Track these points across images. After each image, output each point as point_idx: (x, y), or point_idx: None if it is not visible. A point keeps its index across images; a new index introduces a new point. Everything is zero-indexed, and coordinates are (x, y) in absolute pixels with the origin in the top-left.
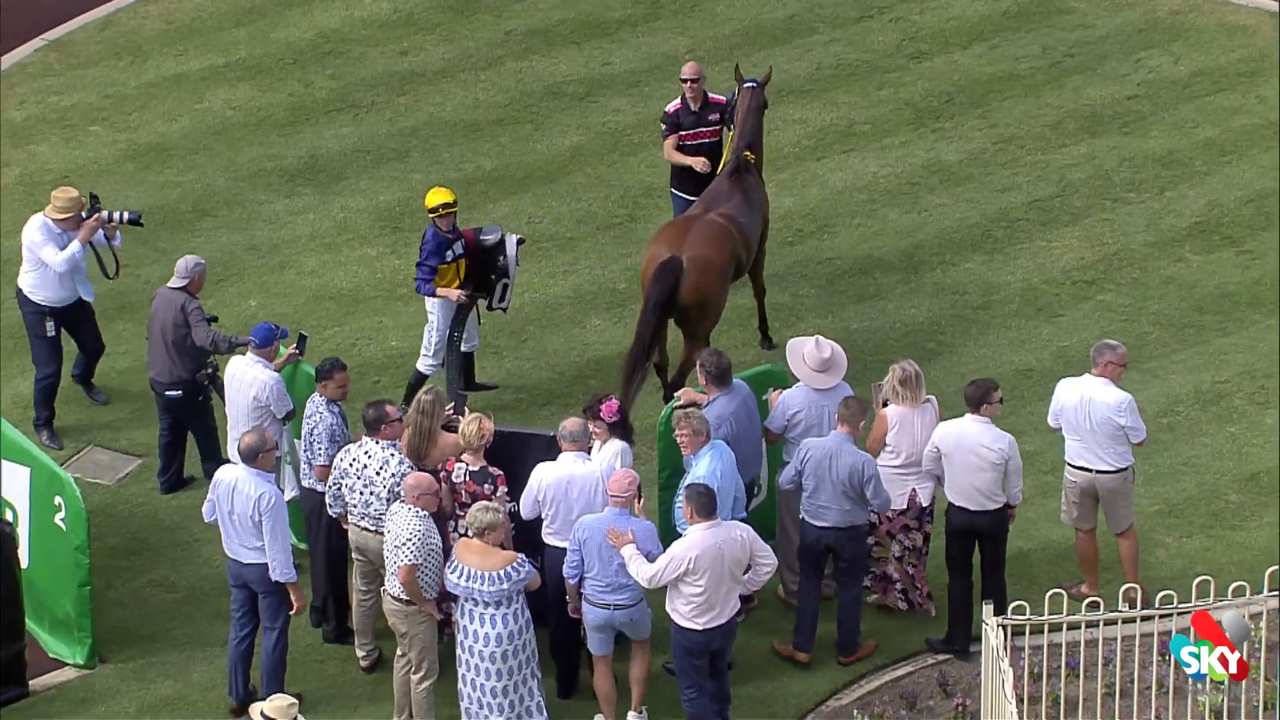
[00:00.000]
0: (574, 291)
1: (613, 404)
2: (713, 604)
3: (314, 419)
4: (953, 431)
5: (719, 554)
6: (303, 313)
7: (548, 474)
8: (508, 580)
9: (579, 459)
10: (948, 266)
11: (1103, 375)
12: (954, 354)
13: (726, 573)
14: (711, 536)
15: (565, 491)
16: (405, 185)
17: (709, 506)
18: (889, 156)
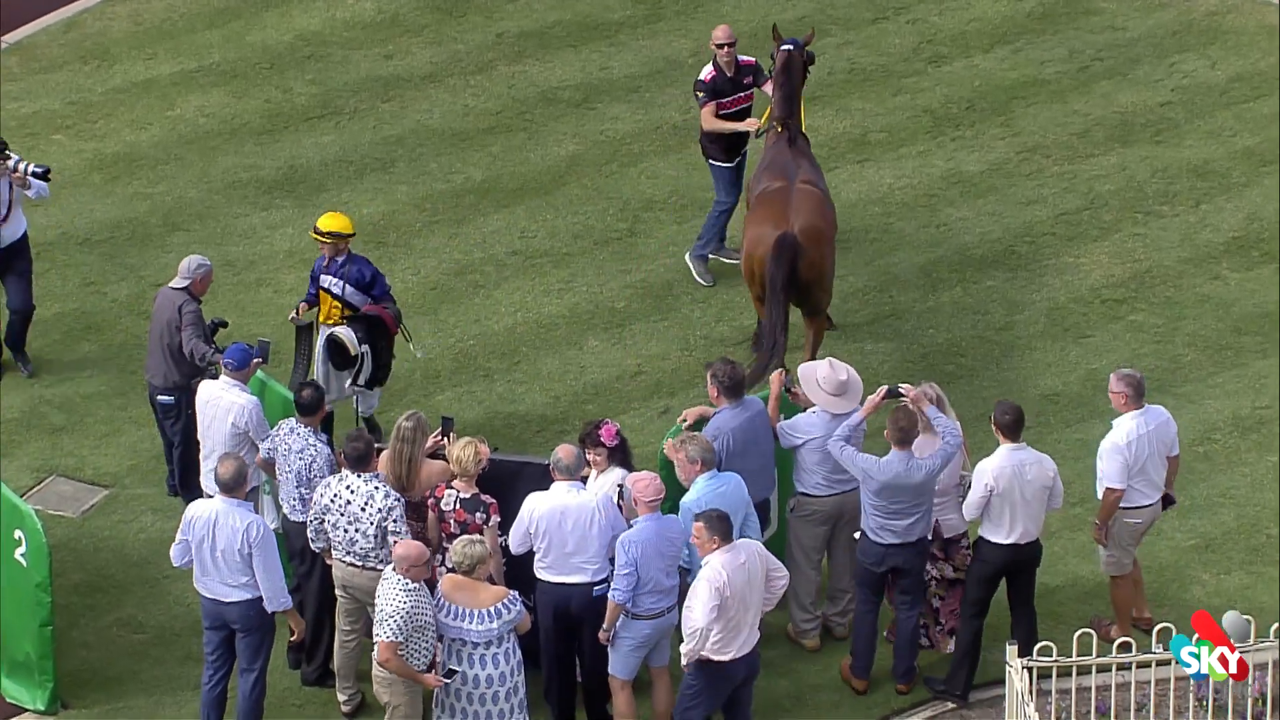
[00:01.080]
0: (570, 310)
1: (611, 427)
2: (740, 628)
3: (309, 454)
4: (1004, 468)
5: (747, 575)
6: (281, 333)
7: (540, 504)
8: (498, 618)
9: (573, 489)
10: (968, 284)
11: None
12: (975, 377)
13: (754, 593)
14: (735, 558)
15: (559, 523)
16: (390, 198)
17: (727, 529)
18: (905, 167)
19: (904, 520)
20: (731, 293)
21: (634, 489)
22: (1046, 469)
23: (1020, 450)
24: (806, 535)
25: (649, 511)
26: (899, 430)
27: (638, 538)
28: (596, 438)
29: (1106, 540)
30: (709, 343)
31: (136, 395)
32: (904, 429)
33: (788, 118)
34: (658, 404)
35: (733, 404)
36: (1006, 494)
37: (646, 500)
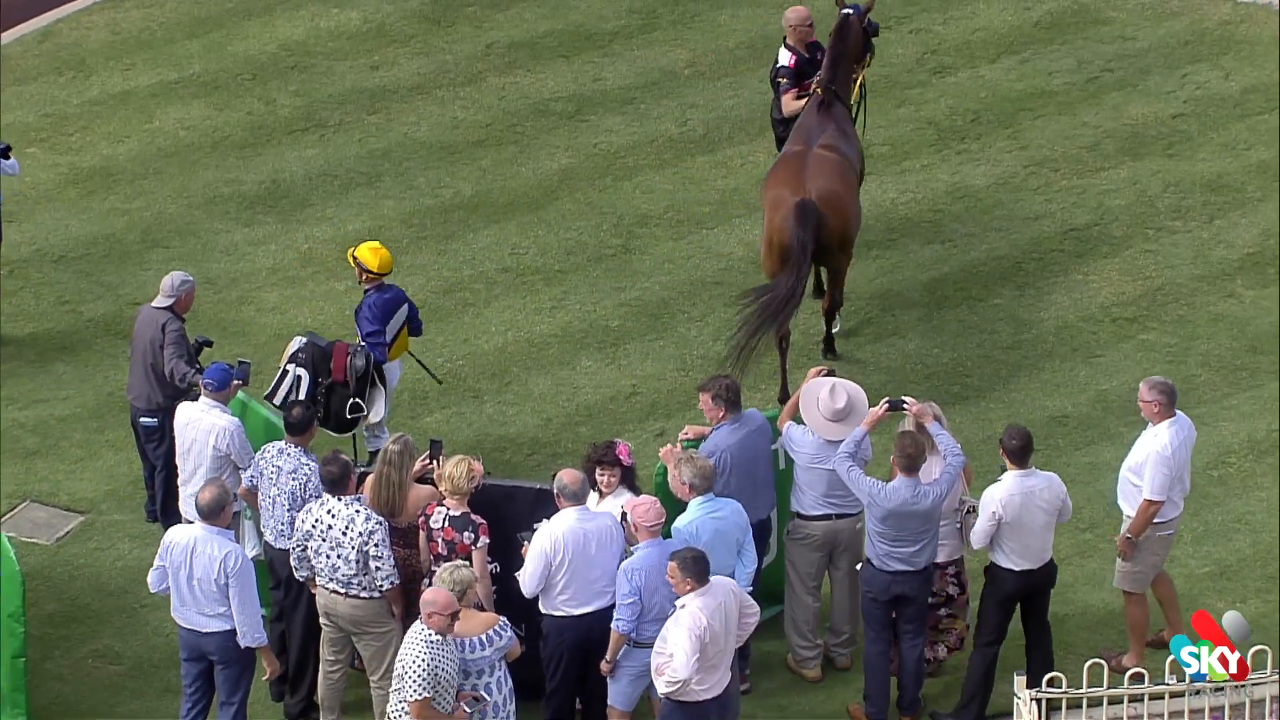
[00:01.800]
0: (562, 330)
1: (625, 446)
2: (716, 667)
3: (303, 474)
4: (1013, 496)
5: (724, 616)
6: (263, 353)
7: (559, 529)
8: (490, 645)
9: (583, 512)
10: (974, 302)
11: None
12: (981, 399)
13: (730, 633)
14: (712, 600)
15: (583, 549)
16: (376, 213)
17: (703, 571)
18: (909, 181)
19: (911, 547)
20: (729, 311)
21: (634, 514)
22: (1056, 490)
23: (1029, 476)
24: (802, 560)
25: (650, 537)
26: (905, 457)
27: (640, 565)
28: (614, 457)
29: (1131, 553)
30: (706, 362)
31: (113, 418)
32: (911, 455)
33: (830, 82)
34: (653, 426)
35: (731, 419)
36: (1016, 521)
37: (647, 526)
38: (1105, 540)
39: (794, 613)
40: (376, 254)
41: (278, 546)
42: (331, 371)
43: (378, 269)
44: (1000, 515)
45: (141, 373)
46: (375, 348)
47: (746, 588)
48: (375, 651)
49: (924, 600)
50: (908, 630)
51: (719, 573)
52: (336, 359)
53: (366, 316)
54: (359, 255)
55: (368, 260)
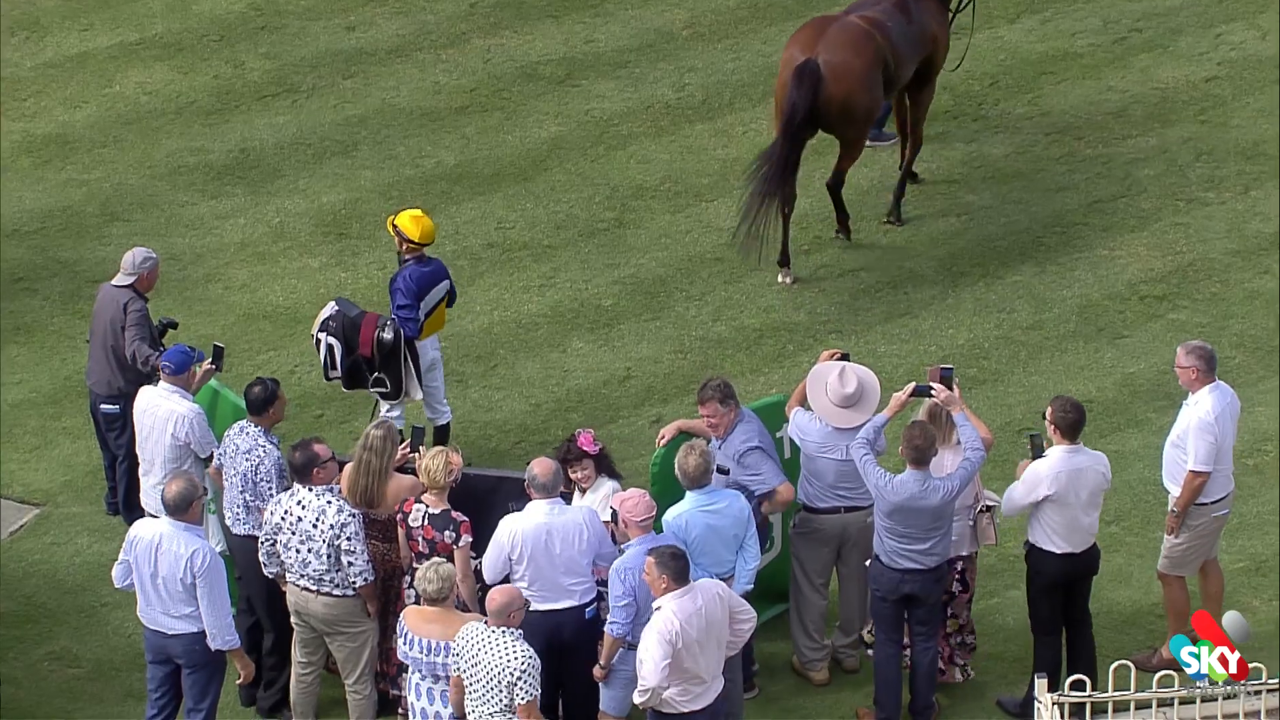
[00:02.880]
0: (551, 309)
1: (588, 434)
2: (701, 677)
3: (256, 456)
4: (1060, 473)
5: (705, 620)
6: (232, 334)
7: (520, 526)
8: None
9: (554, 506)
10: (992, 279)
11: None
12: (1000, 382)
13: (713, 639)
14: (690, 603)
15: (545, 546)
16: (352, 184)
17: (681, 569)
18: (922, 150)
19: (919, 544)
20: (730, 289)
21: (623, 509)
22: (1101, 469)
23: (1078, 453)
24: (809, 555)
25: (641, 533)
26: (913, 449)
27: (633, 563)
28: (578, 450)
29: (1179, 531)
30: (705, 344)
31: (71, 404)
32: (919, 448)
33: None
34: (649, 412)
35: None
36: (1062, 499)
37: (638, 521)
38: (1132, 534)
39: (800, 612)
40: (418, 223)
41: (234, 532)
42: (360, 344)
43: (419, 239)
44: (1046, 494)
45: (102, 356)
46: (406, 323)
47: (748, 586)
48: (350, 653)
49: (936, 600)
50: (920, 632)
51: (717, 572)
52: (365, 331)
53: (401, 289)
54: (399, 223)
55: (408, 229)
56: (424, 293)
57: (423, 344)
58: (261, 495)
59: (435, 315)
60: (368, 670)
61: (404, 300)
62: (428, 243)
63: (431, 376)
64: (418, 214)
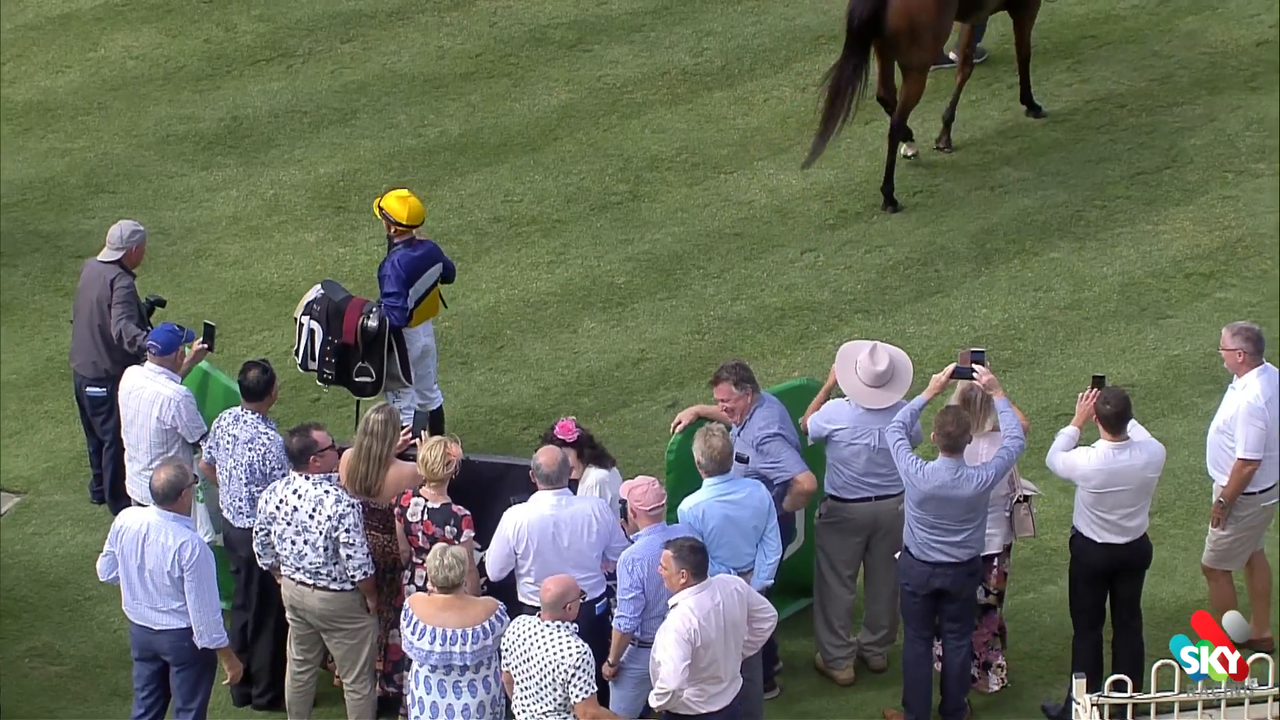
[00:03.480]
0: (561, 287)
1: (568, 422)
2: (719, 677)
3: (261, 445)
4: (1101, 470)
5: (723, 618)
6: (223, 313)
7: (525, 518)
8: (491, 634)
9: (561, 497)
10: (1028, 256)
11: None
12: (1036, 365)
13: (732, 637)
14: (709, 599)
15: (553, 539)
16: (351, 154)
17: (700, 563)
18: (955, 118)
19: (953, 536)
20: (750, 267)
21: (631, 498)
22: (1155, 459)
23: (1123, 450)
24: (836, 546)
25: (651, 523)
26: (945, 435)
27: (642, 554)
28: (555, 439)
29: (1225, 522)
30: (724, 324)
31: (54, 386)
32: (951, 434)
33: None
34: (664, 396)
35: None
36: (1101, 493)
37: (647, 510)
38: (1176, 526)
39: (825, 606)
40: (405, 203)
41: (236, 525)
42: (344, 330)
43: (407, 220)
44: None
45: (87, 336)
46: (392, 311)
47: (768, 581)
48: (348, 650)
49: (969, 596)
50: (951, 629)
51: (735, 566)
52: (349, 317)
53: (389, 275)
54: (385, 205)
55: (395, 210)
56: (414, 278)
57: (413, 331)
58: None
59: (427, 302)
60: (367, 668)
61: (392, 288)
62: (416, 224)
63: (424, 364)
64: (404, 194)
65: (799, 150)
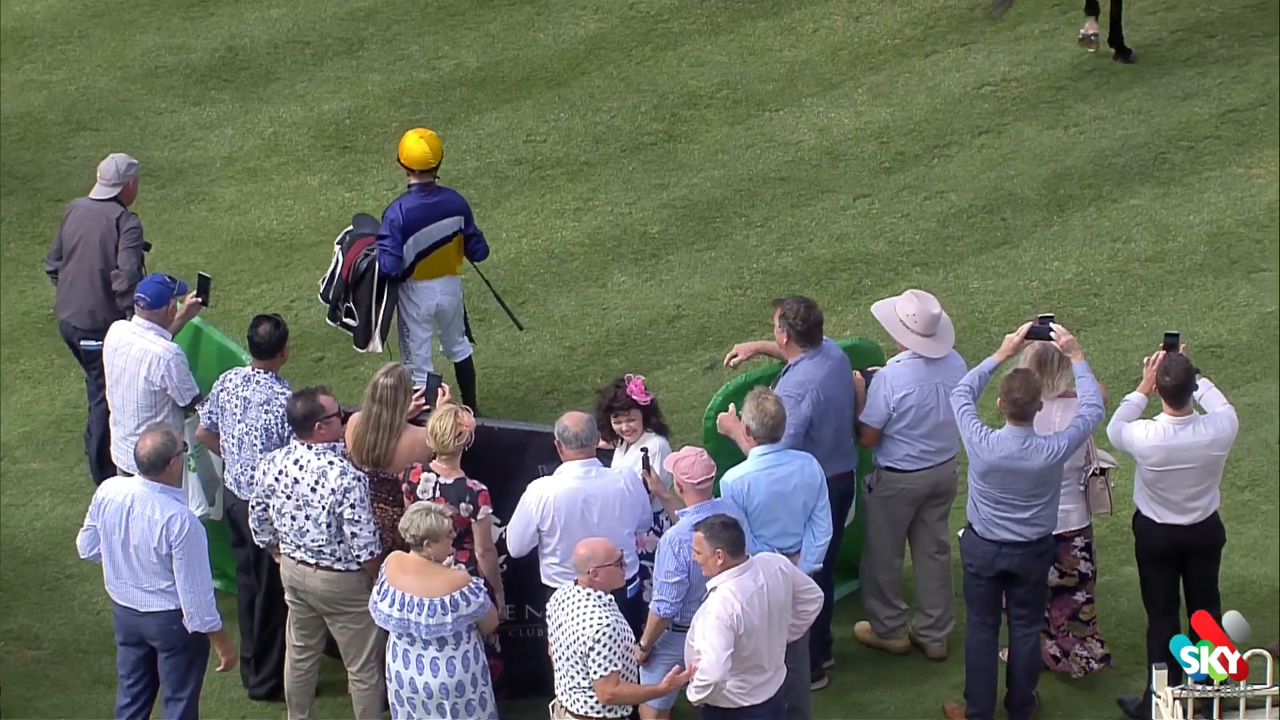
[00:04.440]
0: (589, 236)
1: (639, 381)
2: (762, 666)
3: (278, 407)
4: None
5: (767, 601)
6: (218, 263)
7: (551, 492)
8: (451, 610)
9: (589, 467)
10: (1105, 203)
11: None
12: (1114, 323)
13: (776, 622)
14: (750, 581)
15: (581, 515)
16: (357, 89)
17: (737, 541)
18: (1025, 51)
19: (1020, 513)
20: (798, 214)
21: (677, 471)
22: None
23: (1185, 425)
24: (888, 518)
25: (699, 499)
26: (1013, 402)
27: (689, 535)
28: (626, 398)
29: None
30: (768, 278)
31: (31, 343)
32: (1019, 400)
33: None
34: (701, 356)
35: (809, 352)
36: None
37: (694, 484)
38: (1269, 501)
39: (876, 575)
40: (416, 143)
41: (243, 498)
42: (344, 264)
43: (415, 162)
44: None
45: (86, 285)
46: (382, 255)
47: (816, 565)
48: (353, 636)
49: (1039, 579)
50: (1020, 616)
51: (781, 546)
52: (352, 252)
53: (387, 217)
54: (402, 143)
55: (403, 150)
56: (414, 227)
57: (420, 287)
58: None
59: (437, 257)
60: (374, 656)
61: (385, 231)
62: (421, 166)
63: (446, 323)
64: (421, 132)
65: (851, 85)
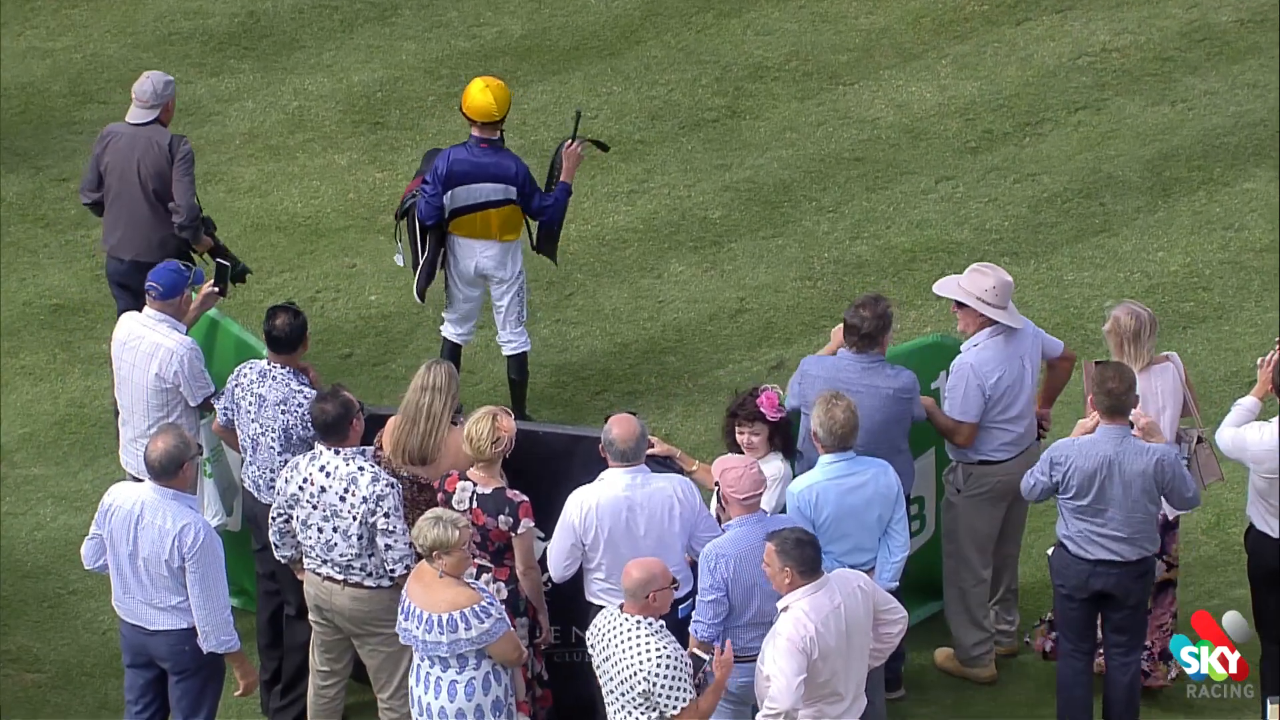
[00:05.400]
0: (645, 222)
1: (773, 394)
2: (839, 694)
3: (297, 405)
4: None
5: (845, 622)
6: (238, 249)
7: (594, 499)
8: (448, 630)
9: (637, 474)
10: (1215, 186)
11: None
12: (1224, 319)
13: (855, 645)
14: (826, 599)
15: (627, 527)
16: (390, 59)
17: (811, 559)
18: (1127, 18)
19: (1117, 528)
20: (874, 199)
21: (723, 481)
22: None
23: None
24: (979, 520)
25: (744, 512)
26: (1107, 394)
27: (730, 550)
28: (754, 409)
29: None
30: (841, 269)
31: (32, 335)
32: (1114, 392)
33: None
34: (767, 355)
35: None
36: (1275, 476)
37: (741, 497)
38: None
39: (964, 594)
40: (481, 93)
41: (263, 501)
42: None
43: (471, 111)
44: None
45: (142, 207)
46: (422, 200)
47: (892, 584)
48: (384, 660)
49: (1139, 601)
50: (1117, 643)
51: (851, 563)
52: (409, 185)
53: (435, 163)
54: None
55: (465, 97)
56: (455, 181)
57: (464, 243)
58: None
59: (476, 218)
60: (406, 682)
61: (428, 177)
62: (487, 119)
63: (496, 295)
64: (486, 82)
65: (933, 56)
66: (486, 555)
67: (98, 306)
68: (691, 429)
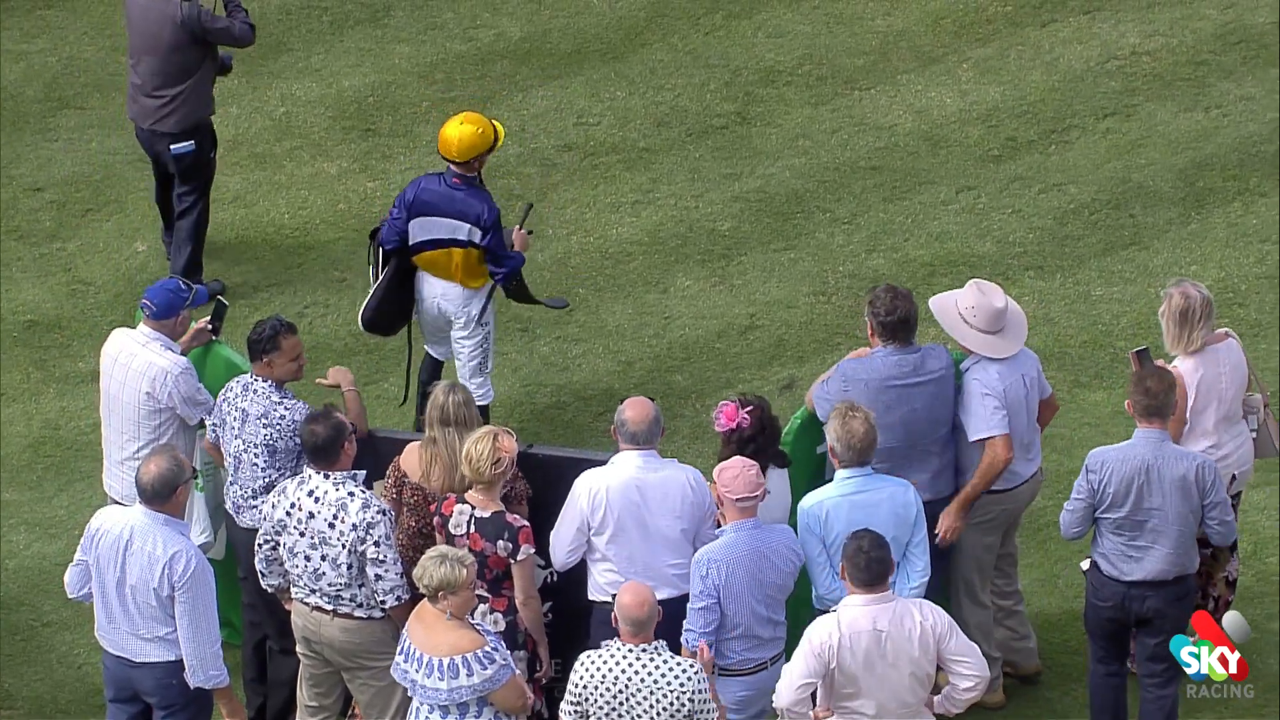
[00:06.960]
0: (650, 234)
1: (732, 407)
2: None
3: (279, 419)
4: None
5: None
6: (222, 262)
7: (605, 481)
8: (450, 677)
9: (648, 458)
10: (1252, 197)
11: None
12: (1261, 337)
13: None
14: (866, 619)
15: (638, 508)
16: (383, 63)
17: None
18: (1158, 19)
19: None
20: (891, 210)
21: (720, 482)
22: None
23: None
24: (986, 547)
25: (740, 516)
26: (1146, 394)
27: (722, 555)
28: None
29: None
30: (856, 282)
31: (3, 353)
32: (1153, 391)
33: None
34: (778, 373)
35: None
36: None
37: (735, 499)
38: None
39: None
40: (452, 127)
41: (242, 524)
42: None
43: (448, 150)
44: None
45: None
46: (385, 223)
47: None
48: (374, 695)
49: (1179, 624)
50: (1152, 674)
51: None
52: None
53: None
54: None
55: (441, 136)
56: (419, 210)
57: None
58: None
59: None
60: (400, 717)
61: (396, 200)
62: (447, 155)
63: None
64: (466, 116)
65: (954, 60)
66: (484, 584)
67: (74, 323)
68: (699, 451)
